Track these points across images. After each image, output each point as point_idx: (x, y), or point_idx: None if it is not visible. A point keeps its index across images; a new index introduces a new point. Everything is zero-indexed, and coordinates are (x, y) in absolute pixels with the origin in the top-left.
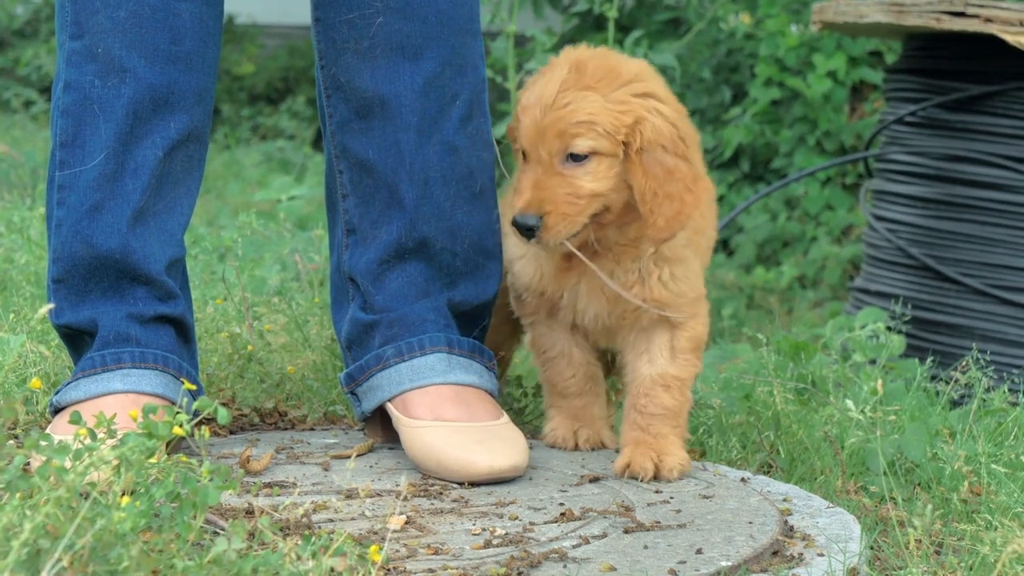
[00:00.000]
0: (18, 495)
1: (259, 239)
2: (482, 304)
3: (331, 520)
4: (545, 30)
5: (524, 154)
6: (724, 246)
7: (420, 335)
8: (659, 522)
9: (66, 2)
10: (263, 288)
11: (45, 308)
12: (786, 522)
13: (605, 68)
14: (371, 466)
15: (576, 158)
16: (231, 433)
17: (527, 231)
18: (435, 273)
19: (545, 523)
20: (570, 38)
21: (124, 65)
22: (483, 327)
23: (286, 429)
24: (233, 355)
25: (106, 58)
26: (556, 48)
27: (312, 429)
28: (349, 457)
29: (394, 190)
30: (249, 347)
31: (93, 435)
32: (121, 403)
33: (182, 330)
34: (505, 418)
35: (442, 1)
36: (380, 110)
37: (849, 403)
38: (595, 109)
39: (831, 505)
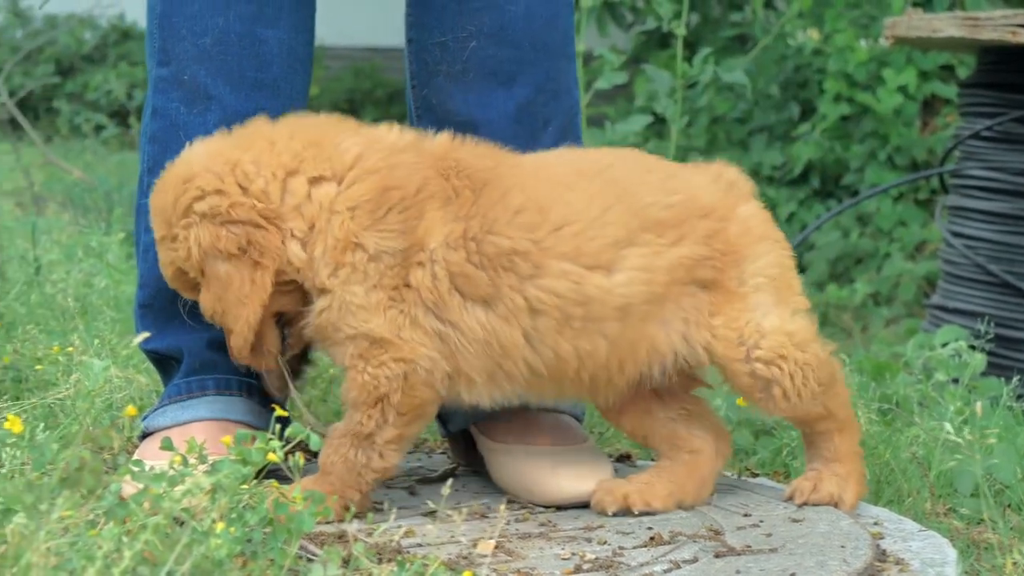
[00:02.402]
0: (118, 521)
1: None
2: None
3: (420, 545)
4: (610, 48)
5: None
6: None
7: None
8: (750, 546)
9: (154, 30)
10: None
11: (140, 337)
12: (878, 546)
13: (161, 209)
14: (456, 490)
15: None
16: (315, 456)
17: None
18: None
19: (635, 547)
20: (637, 56)
21: (210, 92)
22: None
23: None
24: (316, 379)
25: (192, 85)
26: (625, 66)
27: None
28: (433, 480)
29: None
30: (331, 370)
31: (185, 462)
32: (208, 430)
33: None
34: (590, 442)
35: (537, 26)
36: (471, 135)
37: (947, 425)
38: (171, 258)
39: (923, 528)
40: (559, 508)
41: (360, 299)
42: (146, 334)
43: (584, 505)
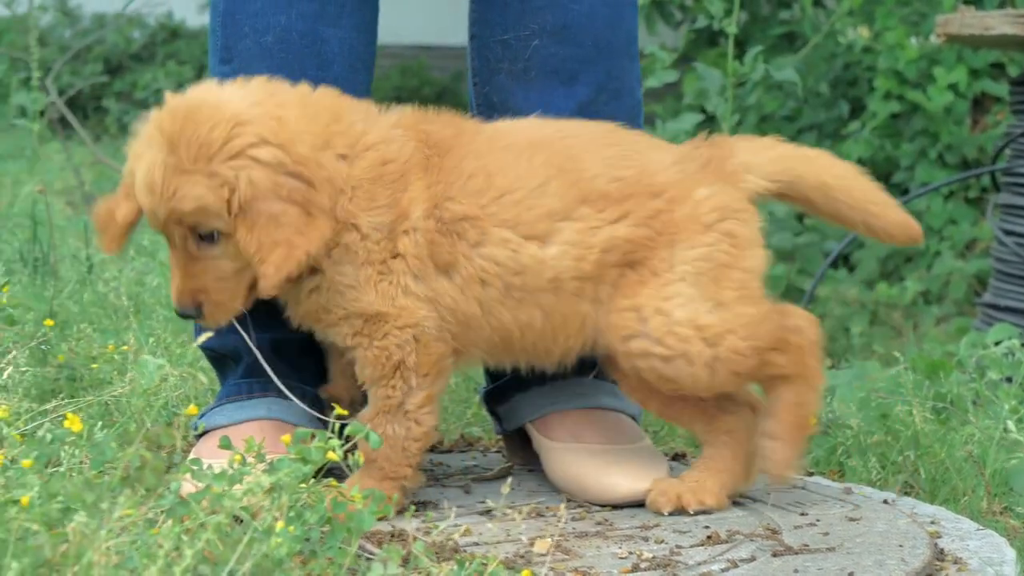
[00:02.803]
0: (177, 520)
1: None
2: None
3: (476, 544)
4: (660, 46)
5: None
6: (845, 261)
7: None
8: (807, 545)
9: (217, 27)
10: None
11: (202, 337)
12: (936, 545)
13: (195, 140)
14: (512, 488)
15: (207, 237)
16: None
17: (192, 318)
18: None
19: (692, 546)
20: (685, 54)
21: None
22: None
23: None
24: None
25: None
26: (676, 65)
27: (450, 451)
28: (489, 479)
29: None
30: None
31: (244, 460)
32: (265, 430)
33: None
34: (646, 441)
35: (600, 25)
36: None
37: (1010, 424)
38: (199, 193)
39: (980, 527)
40: (615, 507)
41: (349, 279)
42: (208, 334)
43: (640, 504)
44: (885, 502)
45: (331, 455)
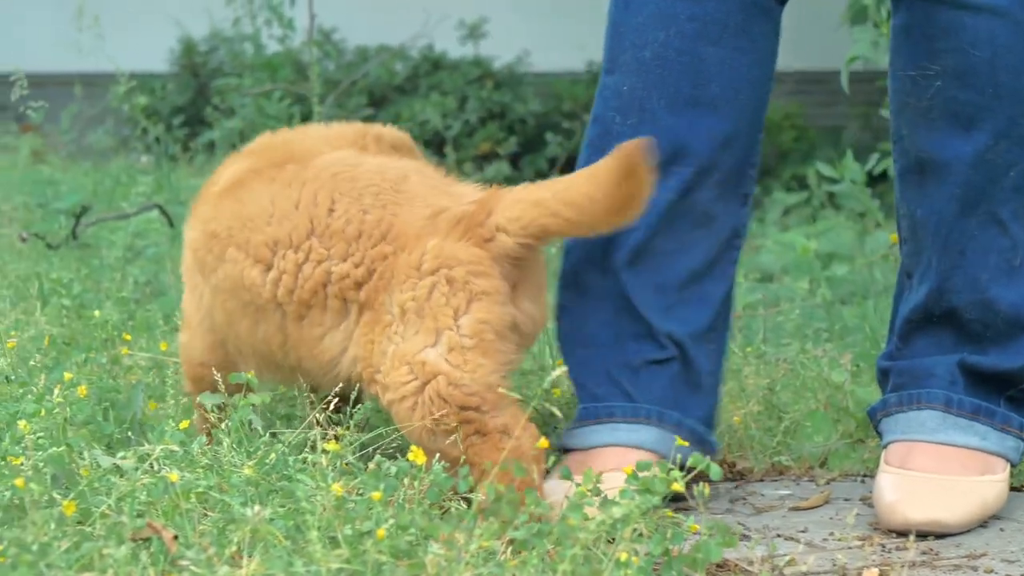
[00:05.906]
0: (533, 552)
1: None
2: (1015, 371)
3: (804, 574)
4: None
5: None
6: None
7: (920, 388)
8: None
9: (607, 38)
10: None
11: (558, 372)
12: None
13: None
14: (831, 518)
15: None
16: None
17: None
18: (962, 339)
19: None
20: None
21: (644, 105)
22: (1021, 388)
23: (734, 480)
24: None
25: (630, 96)
26: None
27: (761, 480)
28: (806, 508)
29: (929, 256)
30: None
31: (583, 494)
32: (609, 457)
33: (686, 375)
34: (987, 476)
35: (1002, 73)
36: (931, 172)
37: None
38: None
39: None
40: (939, 536)
41: None
42: (562, 369)
43: (965, 532)
44: None
45: (675, 486)
